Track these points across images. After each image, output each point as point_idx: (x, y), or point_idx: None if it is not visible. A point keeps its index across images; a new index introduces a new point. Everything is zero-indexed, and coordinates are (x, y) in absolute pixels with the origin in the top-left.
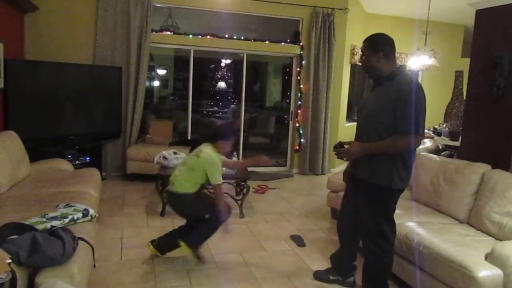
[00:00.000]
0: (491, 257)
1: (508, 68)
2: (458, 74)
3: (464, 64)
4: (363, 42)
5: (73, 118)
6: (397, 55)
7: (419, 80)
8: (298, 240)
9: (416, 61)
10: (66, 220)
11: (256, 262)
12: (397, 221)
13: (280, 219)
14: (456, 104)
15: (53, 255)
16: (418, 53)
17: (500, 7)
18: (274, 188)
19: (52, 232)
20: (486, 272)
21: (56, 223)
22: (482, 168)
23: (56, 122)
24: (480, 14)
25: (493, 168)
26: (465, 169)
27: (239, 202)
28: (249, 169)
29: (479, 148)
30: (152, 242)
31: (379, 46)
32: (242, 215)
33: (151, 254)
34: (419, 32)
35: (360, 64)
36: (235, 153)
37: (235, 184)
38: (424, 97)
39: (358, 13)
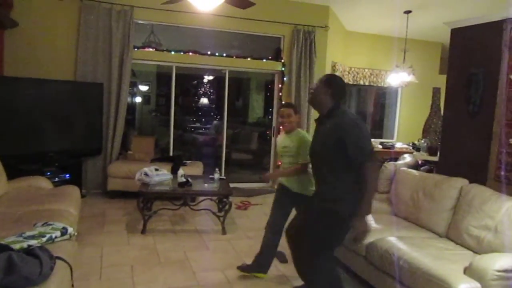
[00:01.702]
0: (469, 271)
1: (483, 85)
2: (436, 91)
3: (442, 81)
4: (319, 80)
5: (53, 135)
6: (376, 71)
7: (399, 96)
8: (280, 256)
9: (396, 78)
10: (44, 239)
11: (238, 279)
12: (378, 236)
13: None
14: (434, 120)
15: (29, 275)
16: (397, 70)
17: (474, 26)
18: (257, 204)
19: (29, 251)
20: (464, 285)
21: (33, 242)
22: (460, 182)
23: (36, 138)
24: (455, 33)
25: (470, 182)
26: (443, 184)
27: (221, 218)
28: (231, 185)
29: (457, 163)
30: None
31: (332, 83)
32: (224, 232)
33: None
34: (398, 50)
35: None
36: (217, 169)
37: (217, 201)
38: (364, 124)
39: (338, 31)
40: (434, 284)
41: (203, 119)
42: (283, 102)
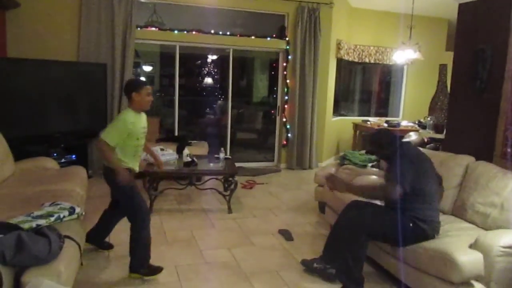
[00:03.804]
0: (475, 247)
1: (490, 61)
2: (442, 68)
3: (448, 58)
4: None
5: (58, 116)
6: (382, 49)
7: (405, 74)
8: (286, 235)
9: (401, 55)
10: (52, 219)
11: (244, 257)
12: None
13: (268, 214)
14: (441, 97)
15: (39, 254)
16: (403, 47)
17: (482, 0)
18: (262, 183)
19: (38, 231)
20: (467, 257)
21: (41, 221)
22: (466, 160)
23: (41, 120)
24: (463, 8)
25: (476, 160)
26: (449, 162)
27: (227, 197)
28: (237, 164)
29: (463, 140)
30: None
31: None
32: (230, 211)
33: None
34: (404, 26)
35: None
36: (222, 148)
37: (222, 180)
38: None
39: (343, 7)
40: (437, 259)
41: (208, 99)
42: (142, 79)
